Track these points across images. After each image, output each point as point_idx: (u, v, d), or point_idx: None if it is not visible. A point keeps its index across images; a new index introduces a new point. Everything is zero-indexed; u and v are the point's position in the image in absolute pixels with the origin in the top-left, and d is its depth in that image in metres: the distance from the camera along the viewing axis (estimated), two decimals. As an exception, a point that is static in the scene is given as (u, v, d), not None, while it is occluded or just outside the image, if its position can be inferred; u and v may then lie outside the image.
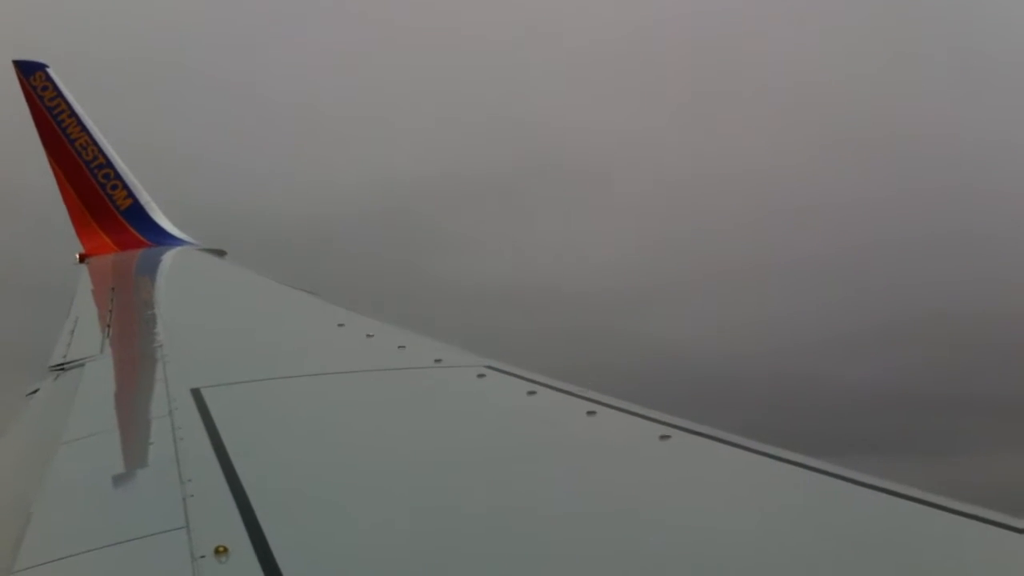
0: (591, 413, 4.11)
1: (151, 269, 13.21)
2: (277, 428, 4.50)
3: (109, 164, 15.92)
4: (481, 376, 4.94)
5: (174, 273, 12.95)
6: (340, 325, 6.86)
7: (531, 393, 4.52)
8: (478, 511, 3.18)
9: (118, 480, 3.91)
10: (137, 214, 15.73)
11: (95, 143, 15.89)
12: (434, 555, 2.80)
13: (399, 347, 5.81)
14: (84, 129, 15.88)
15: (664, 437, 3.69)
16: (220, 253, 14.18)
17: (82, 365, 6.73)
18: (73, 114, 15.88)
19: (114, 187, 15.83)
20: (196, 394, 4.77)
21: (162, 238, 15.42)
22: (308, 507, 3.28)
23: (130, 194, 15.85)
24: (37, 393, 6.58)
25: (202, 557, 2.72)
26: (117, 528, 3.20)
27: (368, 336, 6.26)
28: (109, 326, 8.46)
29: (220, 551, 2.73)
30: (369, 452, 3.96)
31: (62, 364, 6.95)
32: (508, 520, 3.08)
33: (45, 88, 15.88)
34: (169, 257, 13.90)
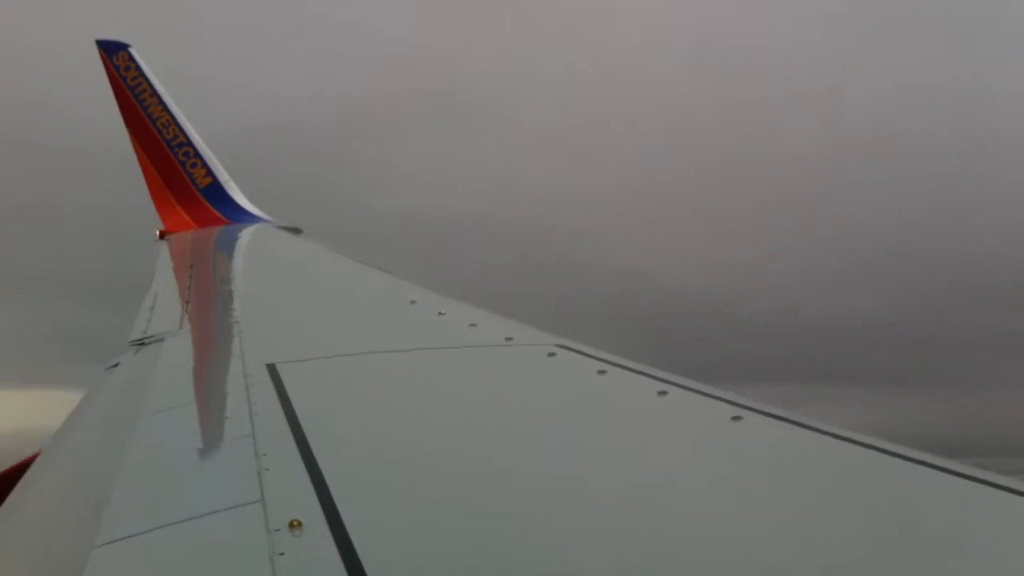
0: (662, 393, 4.09)
1: (229, 246, 13.41)
2: (351, 404, 4.55)
3: (189, 143, 16.18)
4: (551, 355, 4.94)
5: (251, 250, 13.14)
6: (412, 302, 6.91)
7: (601, 372, 4.51)
8: (549, 489, 3.19)
9: (196, 454, 3.99)
10: (216, 192, 15.98)
11: (176, 122, 16.16)
12: (506, 531, 2.82)
13: (470, 325, 5.84)
14: (165, 108, 16.16)
15: (736, 418, 3.66)
16: (296, 231, 14.36)
17: (162, 340, 6.86)
18: (155, 93, 16.16)
19: (194, 165, 16.10)
20: (272, 369, 4.84)
21: (240, 216, 15.64)
22: (381, 482, 3.32)
23: (209, 172, 16.10)
24: (118, 367, 6.73)
25: (277, 530, 2.76)
26: (194, 502, 3.25)
27: (440, 314, 6.29)
28: (188, 302, 8.61)
29: (294, 525, 2.77)
30: (440, 429, 3.98)
31: (142, 339, 7.09)
32: (577, 498, 3.08)
33: (128, 68, 16.18)
34: (247, 235, 14.09)
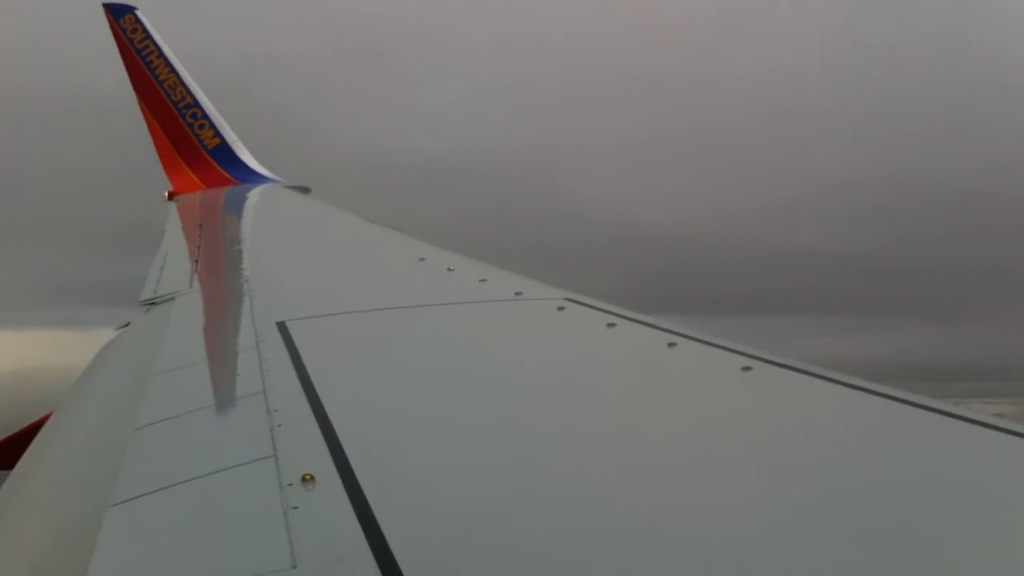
0: (672, 345, 4.08)
1: (238, 206, 13.41)
2: (361, 360, 4.56)
3: (197, 104, 16.14)
4: (561, 309, 4.94)
5: (260, 210, 13.13)
6: (421, 259, 6.90)
7: (611, 325, 4.50)
8: (562, 442, 3.19)
9: (208, 412, 4.00)
10: (224, 153, 15.95)
11: (183, 83, 16.11)
12: (519, 483, 2.83)
13: (480, 280, 5.83)
14: (172, 70, 16.11)
15: (746, 368, 3.66)
16: (305, 190, 14.34)
17: (172, 299, 6.88)
18: (161, 55, 16.11)
19: (201, 127, 16.06)
20: (282, 327, 4.85)
21: (248, 176, 15.63)
22: (393, 437, 3.33)
23: (217, 133, 16.07)
24: (128, 327, 6.76)
25: (290, 485, 2.78)
26: (208, 458, 3.27)
27: (449, 270, 6.29)
28: (197, 261, 8.63)
29: (307, 479, 2.78)
30: (450, 384, 3.99)
31: (152, 299, 7.11)
32: (590, 451, 3.09)
33: (135, 30, 16.12)
34: (255, 194, 14.09)
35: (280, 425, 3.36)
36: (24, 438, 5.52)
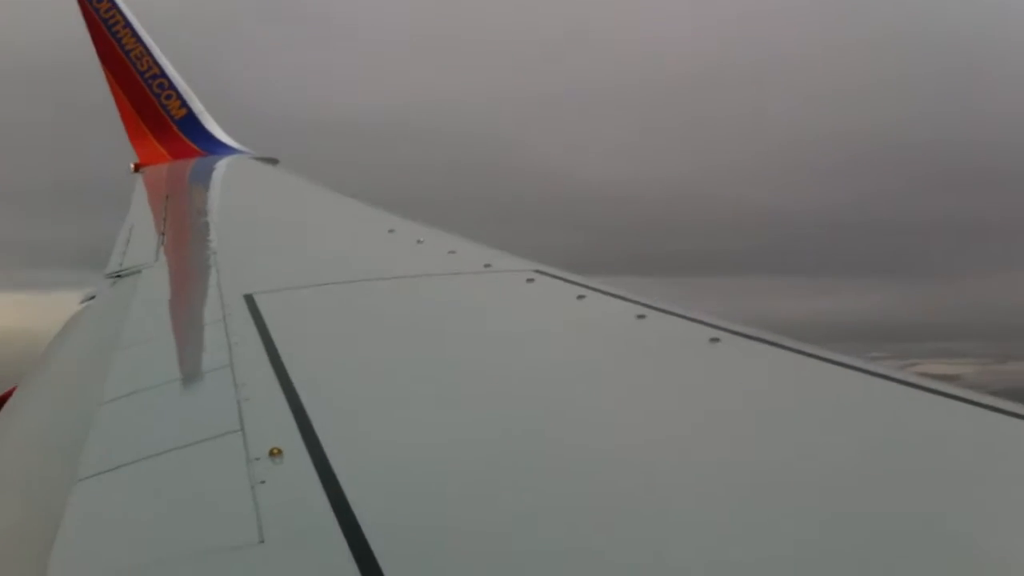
0: (640, 317, 4.09)
1: (204, 178, 13.29)
2: (329, 333, 4.54)
3: (163, 74, 15.93)
4: (530, 280, 4.94)
5: (227, 181, 13.02)
6: (391, 231, 6.87)
7: (580, 297, 4.51)
8: (531, 416, 3.19)
9: (174, 385, 3.98)
10: (191, 124, 15.77)
11: (149, 54, 15.90)
12: (488, 457, 2.83)
13: (449, 252, 5.82)
14: (139, 40, 15.89)
15: (714, 340, 3.67)
16: (273, 161, 14.22)
17: (138, 272, 6.81)
18: (128, 25, 15.89)
19: (168, 97, 15.86)
20: (249, 300, 4.82)
21: (216, 147, 15.46)
22: (361, 410, 3.32)
23: (184, 104, 15.87)
24: (93, 300, 6.69)
25: (257, 459, 2.77)
26: (175, 433, 3.26)
27: (418, 242, 6.26)
28: (164, 234, 8.55)
29: (275, 453, 2.77)
30: (418, 358, 3.98)
31: (119, 271, 7.04)
32: (559, 423, 3.09)
33: (100, 1, 15.88)
34: (222, 166, 13.96)
35: (247, 399, 3.35)
36: None
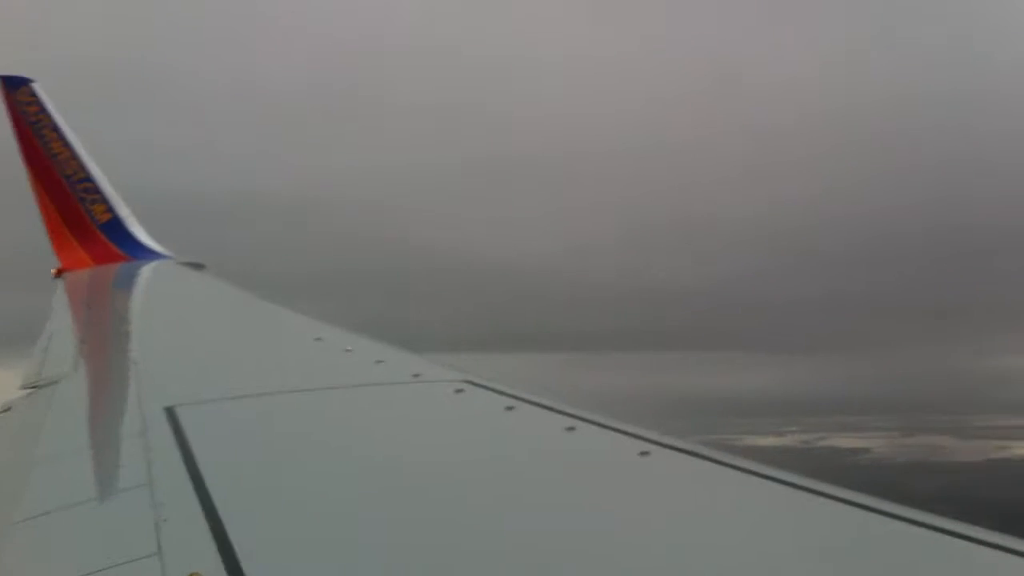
0: (570, 429, 4.07)
1: (127, 284, 13.12)
2: (253, 448, 4.43)
3: (90, 178, 15.83)
4: (459, 391, 4.90)
5: (150, 288, 12.86)
6: (318, 339, 6.81)
7: (509, 408, 4.48)
8: (459, 535, 3.13)
9: (89, 504, 3.84)
10: (116, 228, 15.63)
11: (76, 157, 15.81)
12: None
13: (377, 361, 5.77)
14: (66, 144, 15.80)
15: (644, 453, 3.65)
16: (198, 267, 14.09)
17: (55, 383, 6.64)
18: (55, 128, 15.81)
19: (94, 201, 15.73)
20: (170, 413, 4.70)
21: (140, 252, 15.31)
22: (285, 533, 3.22)
23: (109, 208, 15.75)
24: (8, 412, 6.49)
25: None
26: (88, 555, 3.13)
27: (346, 351, 6.21)
28: (83, 342, 8.37)
29: None
30: (347, 472, 3.90)
31: (35, 383, 6.86)
32: (482, 539, 3.04)
33: (29, 103, 15.81)
34: (146, 271, 13.81)
35: (166, 520, 3.23)
36: None
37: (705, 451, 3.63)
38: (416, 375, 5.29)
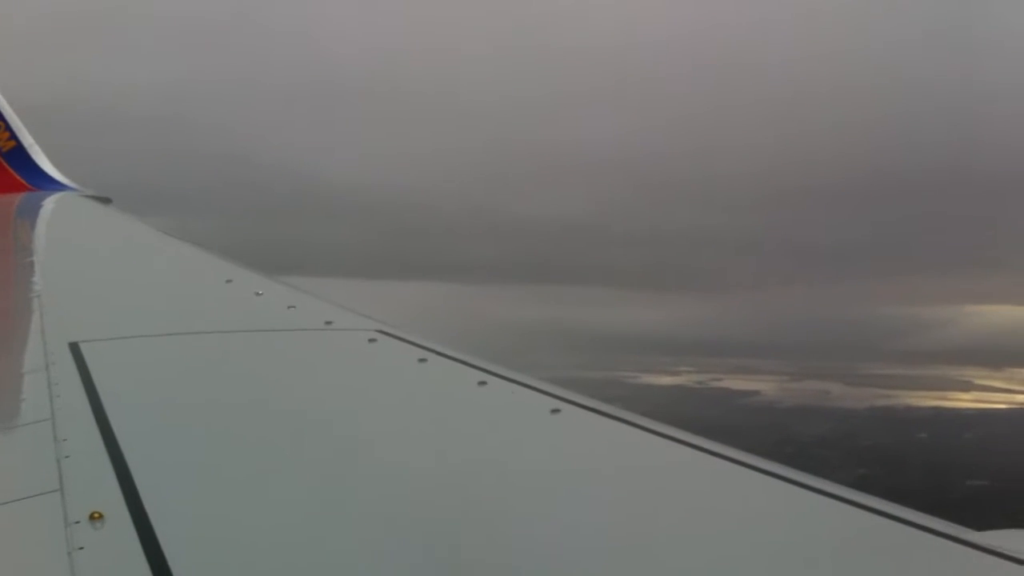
0: (482, 383, 4.08)
1: (31, 214, 12.76)
2: (158, 388, 4.36)
3: None
4: (372, 341, 4.88)
5: (55, 219, 12.53)
6: (228, 281, 6.71)
7: (422, 360, 4.47)
8: (360, 486, 3.13)
9: None
10: (19, 157, 15.18)
11: None
12: (312, 529, 2.75)
13: (289, 307, 5.71)
14: None
15: (555, 411, 3.69)
16: (105, 200, 13.76)
17: None
18: None
19: None
20: (74, 348, 4.61)
21: (45, 183, 14.91)
22: (187, 473, 3.18)
23: (13, 136, 15.28)
24: None
25: (76, 523, 2.63)
26: None
27: (257, 294, 6.13)
28: None
29: (95, 517, 2.63)
30: (251, 417, 3.86)
31: None
32: (387, 490, 3.04)
33: None
34: (51, 202, 13.45)
35: (68, 456, 3.18)
36: None
37: (613, 411, 3.68)
38: (328, 322, 5.24)
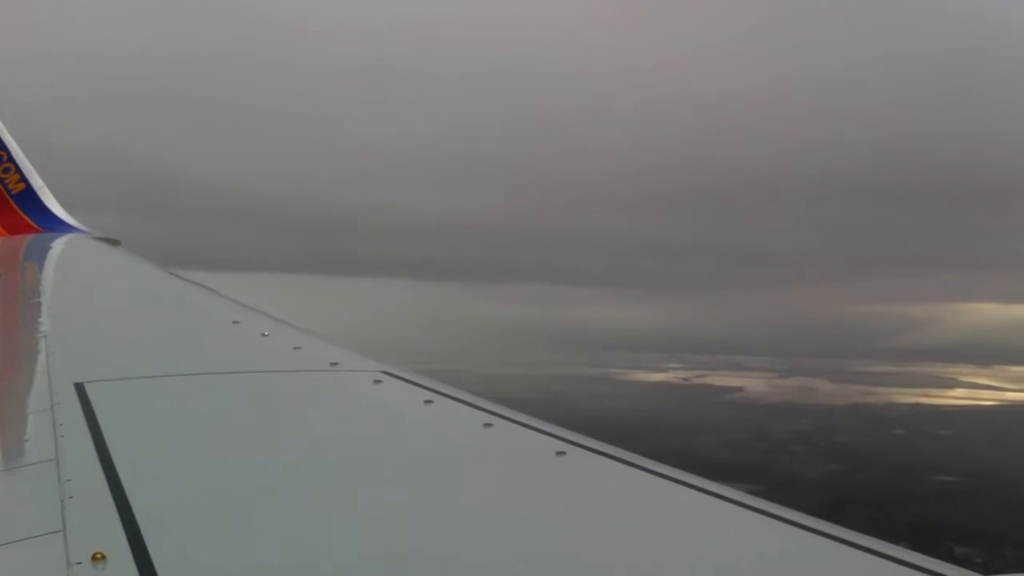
0: (488, 425, 4.07)
1: (40, 256, 12.81)
2: (164, 429, 4.35)
3: (3, 147, 15.43)
4: (377, 382, 4.88)
5: (63, 261, 12.58)
6: (235, 322, 6.72)
7: (428, 402, 4.47)
8: (363, 521, 3.12)
9: None
10: (29, 199, 15.27)
11: None
12: (317, 569, 2.74)
13: (294, 348, 5.71)
14: None
15: (560, 453, 3.67)
16: (114, 242, 13.82)
17: None
18: None
19: (7, 171, 15.34)
20: (80, 389, 4.61)
21: (54, 224, 14.99)
22: (191, 514, 3.17)
23: (23, 178, 15.38)
24: None
25: (78, 563, 2.61)
26: None
27: (263, 335, 6.14)
28: None
29: (97, 558, 2.62)
30: (257, 458, 3.85)
31: None
32: (393, 531, 3.03)
33: None
34: (59, 244, 13.51)
35: (72, 497, 3.17)
36: None
37: (619, 453, 3.66)
38: (334, 363, 5.25)
